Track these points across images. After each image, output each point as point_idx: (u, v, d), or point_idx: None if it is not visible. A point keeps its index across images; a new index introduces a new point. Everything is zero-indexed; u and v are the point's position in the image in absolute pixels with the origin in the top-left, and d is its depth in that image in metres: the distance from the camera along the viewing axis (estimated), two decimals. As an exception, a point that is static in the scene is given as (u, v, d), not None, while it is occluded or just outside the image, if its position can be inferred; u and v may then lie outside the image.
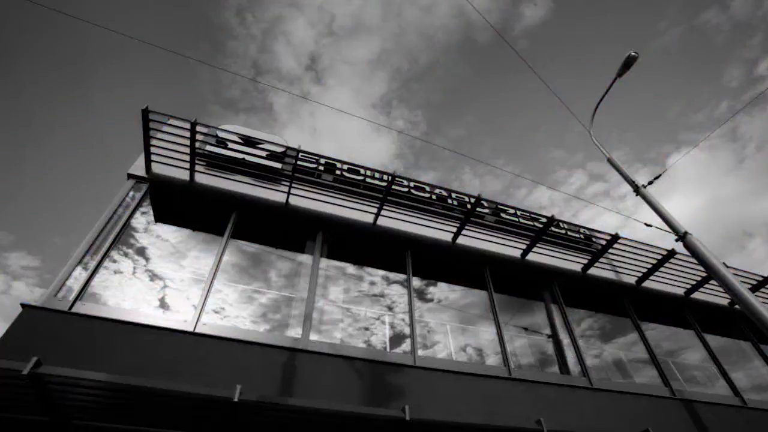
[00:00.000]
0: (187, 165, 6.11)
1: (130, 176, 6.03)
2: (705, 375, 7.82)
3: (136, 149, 6.14)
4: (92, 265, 4.90)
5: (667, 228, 6.27)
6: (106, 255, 5.09)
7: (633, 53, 6.92)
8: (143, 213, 5.89)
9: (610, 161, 7.47)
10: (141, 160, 6.12)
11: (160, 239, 5.74)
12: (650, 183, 7.02)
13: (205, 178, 6.35)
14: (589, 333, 7.67)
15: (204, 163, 6.49)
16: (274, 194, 6.58)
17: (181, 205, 6.30)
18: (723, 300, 9.13)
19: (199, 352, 4.53)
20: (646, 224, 6.91)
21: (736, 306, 8.97)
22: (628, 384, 6.88)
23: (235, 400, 3.36)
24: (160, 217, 5.98)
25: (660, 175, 7.19)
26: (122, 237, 5.43)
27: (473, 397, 5.34)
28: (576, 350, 6.82)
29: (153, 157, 6.00)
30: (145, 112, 5.39)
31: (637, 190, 6.79)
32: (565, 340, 7.07)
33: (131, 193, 5.89)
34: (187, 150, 5.89)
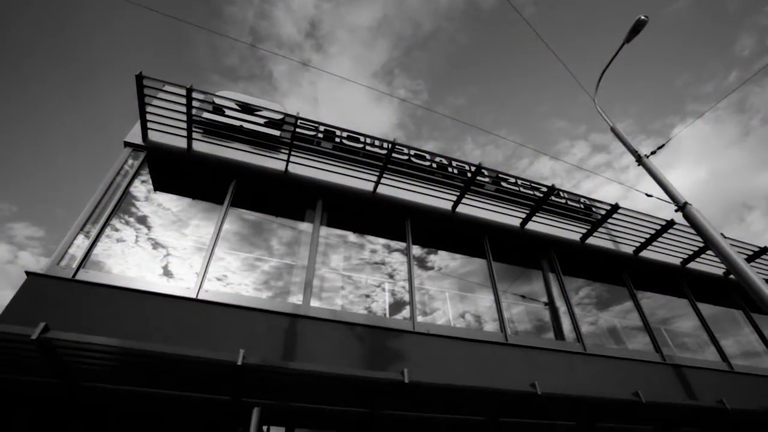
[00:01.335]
0: (184, 133, 6.02)
1: (127, 144, 5.95)
2: (696, 342, 8.04)
3: (133, 117, 6.03)
4: (93, 233, 4.92)
5: (667, 198, 6.27)
6: (106, 223, 5.10)
7: (642, 17, 6.69)
8: (143, 182, 5.85)
9: (613, 130, 7.37)
10: (138, 128, 6.03)
11: (162, 208, 5.73)
12: (653, 153, 6.95)
13: (203, 146, 6.27)
14: (586, 301, 7.82)
15: (201, 131, 6.40)
16: (273, 162, 6.53)
17: (179, 174, 6.25)
18: (718, 270, 9.25)
19: (202, 318, 4.62)
20: (646, 194, 6.90)
21: (731, 276, 9.11)
22: (621, 350, 7.08)
23: (239, 363, 3.46)
24: (160, 186, 5.95)
25: (663, 146, 7.12)
26: (122, 205, 5.42)
27: (470, 361, 5.50)
28: (572, 317, 6.98)
29: (149, 125, 5.90)
30: (140, 78, 5.25)
31: (639, 159, 6.74)
32: (562, 307, 7.21)
33: (130, 162, 5.83)
34: (184, 117, 5.79)
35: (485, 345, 5.81)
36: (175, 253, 5.32)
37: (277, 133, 6.70)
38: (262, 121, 6.64)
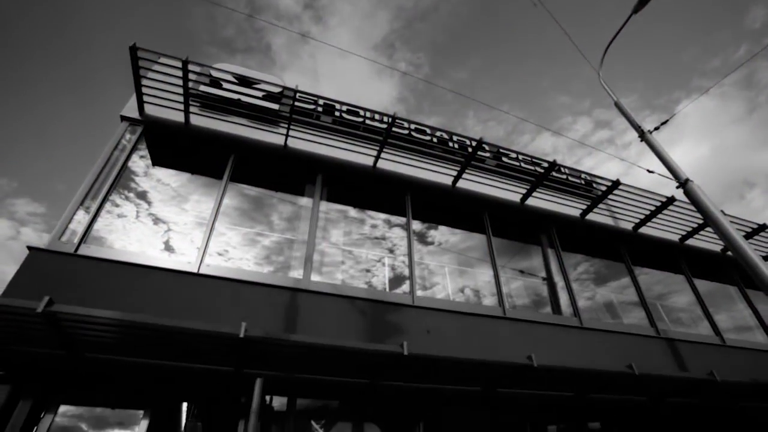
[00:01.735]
0: (181, 106, 5.93)
1: (124, 118, 5.86)
2: (690, 317, 8.17)
3: (130, 91, 5.91)
4: (93, 208, 4.92)
5: (669, 175, 6.23)
6: (106, 198, 5.09)
7: (652, -14, 6.45)
8: (141, 157, 5.80)
9: (617, 105, 7.26)
10: (134, 102, 5.93)
11: (161, 183, 5.71)
12: (656, 129, 6.87)
13: (200, 119, 6.19)
14: (584, 277, 7.90)
15: (198, 104, 6.30)
16: (272, 136, 6.45)
17: (178, 148, 6.19)
18: (716, 247, 9.31)
19: (204, 292, 4.68)
20: (648, 170, 6.87)
21: (728, 252, 9.18)
22: (616, 324, 7.21)
23: (241, 336, 3.52)
24: (158, 161, 5.90)
25: (667, 121, 7.02)
26: (121, 180, 5.40)
27: (469, 334, 5.61)
28: (569, 292, 7.07)
29: (145, 98, 5.80)
30: (133, 50, 5.12)
31: (642, 135, 6.66)
32: (560, 283, 7.29)
33: (127, 136, 5.77)
34: (180, 90, 5.68)
35: (483, 319, 5.91)
36: (176, 229, 5.34)
37: (275, 106, 6.59)
38: (260, 94, 6.52)
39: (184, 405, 4.72)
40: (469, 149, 7.38)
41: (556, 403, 5.57)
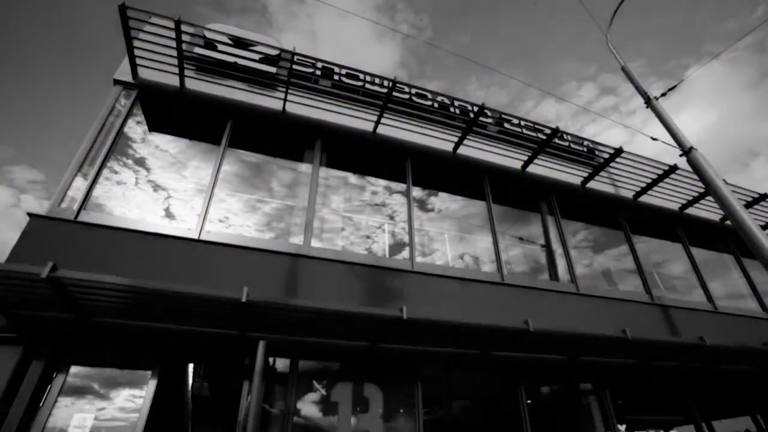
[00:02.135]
0: (176, 69, 5.77)
1: (117, 82, 5.71)
2: (685, 284, 8.31)
3: (123, 53, 5.69)
4: (91, 174, 4.88)
5: (673, 143, 6.16)
6: (103, 164, 5.04)
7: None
8: (138, 122, 5.70)
9: (624, 69, 7.07)
10: (127, 65, 5.75)
11: (159, 150, 5.64)
12: (663, 95, 6.73)
13: (196, 83, 6.03)
14: (583, 244, 7.97)
15: (193, 68, 6.12)
16: (270, 101, 6.32)
17: (174, 113, 6.07)
18: (715, 216, 9.33)
19: (205, 258, 4.73)
20: (652, 138, 6.78)
21: (727, 222, 9.21)
22: (612, 290, 7.34)
23: (243, 300, 3.59)
24: (155, 126, 5.80)
25: (674, 87, 6.87)
26: (119, 147, 5.33)
27: (467, 300, 5.73)
28: (567, 260, 7.15)
29: (138, 61, 5.63)
30: (123, 9, 4.92)
31: (648, 101, 6.53)
32: (558, 250, 7.36)
33: (122, 101, 5.64)
34: (174, 53, 5.51)
35: (482, 284, 6.01)
36: (175, 195, 5.32)
37: (273, 69, 6.41)
38: (256, 57, 6.32)
39: (191, 366, 4.89)
40: (471, 115, 7.25)
41: (549, 366, 5.76)
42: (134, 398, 3.98)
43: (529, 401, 5.48)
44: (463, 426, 5.25)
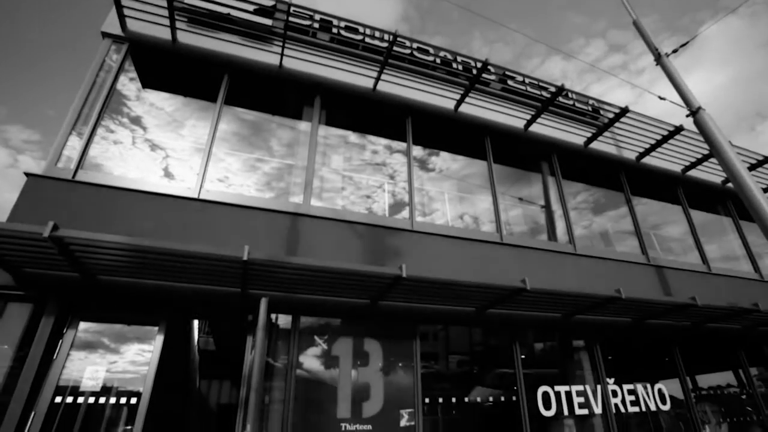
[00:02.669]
0: (167, 21, 5.51)
1: (106, 35, 5.46)
2: (681, 246, 8.41)
3: (110, 3, 5.38)
4: (86, 132, 4.79)
5: (681, 102, 6.01)
6: (98, 122, 4.93)
7: None
8: (131, 79, 5.52)
9: (635, 24, 6.77)
10: (115, 16, 5.48)
11: (155, 107, 5.49)
12: (674, 51, 6.47)
13: (189, 37, 5.78)
14: (583, 206, 7.98)
15: (185, 20, 5.84)
16: (266, 56, 6.09)
17: (167, 69, 5.86)
18: (716, 178, 9.28)
19: (205, 217, 4.74)
20: (660, 97, 6.61)
21: (728, 184, 9.18)
22: (609, 251, 7.44)
23: (244, 258, 3.64)
24: (148, 83, 5.62)
25: (687, 43, 6.60)
26: (114, 105, 5.19)
27: (465, 259, 5.81)
28: (566, 221, 7.19)
29: (126, 12, 5.36)
30: (109, -48, 4.61)
31: (658, 58, 6.31)
32: (558, 211, 7.38)
33: (113, 56, 5.43)
34: (164, 2, 5.24)
35: (481, 244, 6.08)
36: (173, 155, 5.25)
37: (268, 22, 6.12)
38: (251, 8, 6.01)
39: (196, 322, 5.04)
40: (474, 71, 7.01)
41: (544, 323, 5.95)
42: (143, 352, 4.13)
43: (523, 356, 5.71)
44: (460, 378, 5.49)
